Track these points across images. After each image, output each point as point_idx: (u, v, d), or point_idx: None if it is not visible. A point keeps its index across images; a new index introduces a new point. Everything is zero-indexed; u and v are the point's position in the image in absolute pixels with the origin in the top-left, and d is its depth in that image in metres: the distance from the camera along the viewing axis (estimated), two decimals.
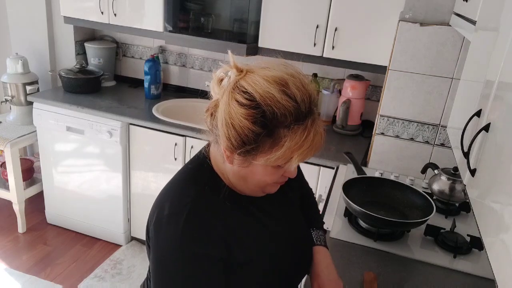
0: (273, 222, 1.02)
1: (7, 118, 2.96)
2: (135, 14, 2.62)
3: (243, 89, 0.82)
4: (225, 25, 2.67)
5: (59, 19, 2.94)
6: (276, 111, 0.80)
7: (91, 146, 2.69)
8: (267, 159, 0.84)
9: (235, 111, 0.81)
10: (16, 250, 2.79)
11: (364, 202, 1.59)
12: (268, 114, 0.80)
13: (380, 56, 2.18)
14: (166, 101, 2.82)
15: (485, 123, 0.89)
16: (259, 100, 0.80)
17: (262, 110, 0.80)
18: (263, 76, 0.82)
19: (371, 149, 2.14)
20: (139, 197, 2.74)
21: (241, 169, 0.89)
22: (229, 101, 0.82)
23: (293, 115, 0.81)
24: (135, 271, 2.66)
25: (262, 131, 0.81)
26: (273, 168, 0.87)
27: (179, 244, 0.86)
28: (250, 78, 0.82)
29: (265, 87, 0.80)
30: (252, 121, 0.80)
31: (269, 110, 0.80)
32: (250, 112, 0.80)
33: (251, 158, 0.85)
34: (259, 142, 0.82)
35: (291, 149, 0.82)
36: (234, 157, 0.87)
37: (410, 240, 1.57)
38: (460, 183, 1.72)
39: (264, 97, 0.80)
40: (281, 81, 0.81)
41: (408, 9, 1.90)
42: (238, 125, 0.81)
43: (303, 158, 0.84)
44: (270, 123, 0.81)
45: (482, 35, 1.20)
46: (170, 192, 0.95)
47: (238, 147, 0.84)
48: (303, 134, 0.82)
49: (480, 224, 0.82)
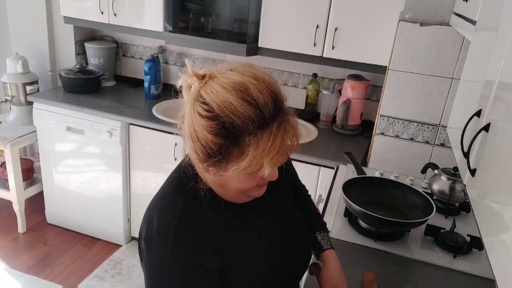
0: (268, 224, 1.00)
1: (7, 118, 2.96)
2: (135, 14, 2.62)
3: (202, 100, 0.79)
4: (225, 25, 2.67)
5: (59, 19, 2.94)
6: (235, 120, 0.76)
7: (91, 146, 2.69)
8: (237, 169, 0.80)
9: (197, 123, 0.79)
10: (16, 250, 2.79)
11: (364, 202, 1.59)
12: (228, 124, 0.76)
13: (380, 56, 2.18)
14: (166, 101, 2.82)
15: (485, 123, 0.88)
16: (217, 111, 0.76)
17: (221, 121, 0.77)
18: (222, 84, 0.78)
19: (371, 149, 2.14)
20: (139, 197, 2.74)
21: (217, 178, 0.86)
22: (191, 113, 0.80)
23: (255, 122, 0.77)
24: (135, 271, 2.66)
25: (224, 142, 0.78)
26: (247, 175, 0.83)
27: (170, 258, 0.83)
28: (209, 87, 0.79)
29: (223, 96, 0.76)
30: (214, 133, 0.77)
31: (229, 120, 0.76)
32: (210, 123, 0.77)
33: (222, 169, 0.82)
34: (224, 153, 0.79)
35: (258, 156, 0.78)
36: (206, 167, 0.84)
37: (410, 240, 1.57)
38: (460, 183, 1.72)
39: (222, 107, 0.76)
40: (241, 87, 0.77)
41: (408, 9, 1.90)
42: (201, 138, 0.79)
43: (276, 162, 0.80)
44: (231, 133, 0.77)
45: (482, 35, 1.20)
46: (157, 205, 0.91)
47: (205, 159, 0.81)
48: (269, 139, 0.77)
49: (480, 224, 0.82)
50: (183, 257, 0.84)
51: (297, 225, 1.10)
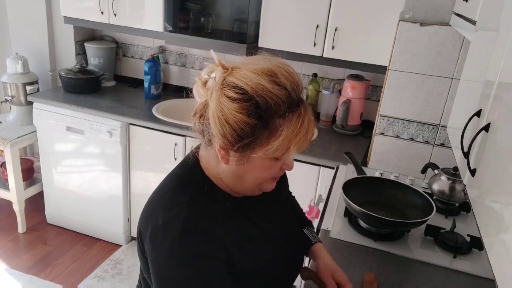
0: (270, 224, 1.01)
1: (7, 118, 2.96)
2: (135, 14, 2.62)
3: (232, 84, 0.81)
4: (225, 25, 2.67)
5: (59, 19, 2.94)
6: (269, 101, 0.80)
7: (91, 146, 2.69)
8: (266, 151, 0.83)
9: (227, 107, 0.80)
10: (16, 250, 2.79)
11: (364, 202, 1.59)
12: (262, 105, 0.80)
13: (380, 56, 2.18)
14: (166, 101, 2.82)
15: (485, 123, 0.89)
16: (251, 92, 0.79)
17: (255, 102, 0.80)
18: (250, 70, 0.81)
19: (371, 149, 2.14)
20: (139, 197, 2.74)
21: (238, 167, 0.87)
22: (219, 99, 0.81)
23: (286, 104, 0.81)
24: (135, 271, 2.66)
25: (257, 123, 0.80)
26: (271, 161, 0.86)
27: (178, 251, 0.83)
28: (238, 73, 0.82)
29: (255, 79, 0.80)
30: (247, 114, 0.80)
31: (262, 100, 0.80)
32: (243, 105, 0.79)
33: (250, 152, 0.84)
34: (255, 134, 0.81)
35: (288, 137, 0.81)
36: (230, 155, 0.85)
37: (410, 240, 1.57)
38: (460, 183, 1.72)
39: (256, 88, 0.79)
40: (270, 72, 0.81)
41: (408, 9, 1.90)
42: (232, 120, 0.80)
43: (300, 146, 0.84)
44: (264, 114, 0.80)
45: (482, 35, 1.20)
46: (161, 201, 0.92)
47: (235, 142, 0.82)
48: (298, 121, 0.82)
49: (480, 224, 0.82)
50: (191, 248, 0.84)
51: (294, 226, 1.13)
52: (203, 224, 0.87)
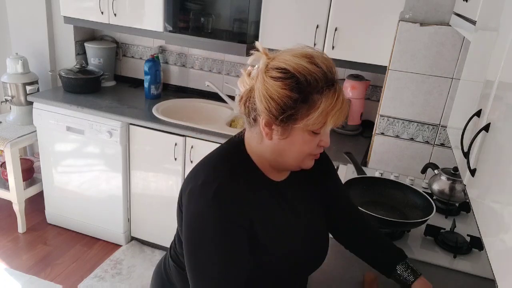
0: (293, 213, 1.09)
1: (7, 118, 2.96)
2: (135, 14, 2.62)
3: (275, 66, 0.93)
4: (225, 25, 2.67)
5: (59, 19, 2.94)
6: (308, 77, 0.91)
7: (91, 146, 2.69)
8: (306, 122, 0.92)
9: (271, 85, 0.92)
10: (16, 250, 2.79)
11: (364, 202, 1.59)
12: (302, 81, 0.91)
13: (380, 56, 2.17)
14: (166, 101, 2.82)
15: (485, 123, 0.89)
16: (292, 71, 0.91)
17: (296, 79, 0.91)
18: (291, 54, 0.94)
19: (371, 149, 2.14)
20: (139, 197, 2.74)
21: (280, 142, 0.96)
22: (264, 80, 0.93)
23: (323, 80, 0.92)
24: (135, 271, 2.66)
25: (298, 96, 0.91)
26: (310, 136, 0.95)
27: (208, 210, 0.94)
28: (280, 58, 0.94)
29: (295, 60, 0.92)
30: (289, 89, 0.91)
31: (302, 77, 0.91)
32: (286, 82, 0.91)
33: (292, 124, 0.93)
34: (297, 107, 0.91)
35: (325, 110, 0.91)
36: (273, 131, 0.95)
37: (410, 240, 1.57)
38: (460, 183, 1.72)
39: (296, 67, 0.91)
40: (308, 55, 0.94)
41: (408, 9, 1.90)
42: (276, 96, 0.91)
43: (336, 120, 0.93)
44: (304, 89, 0.91)
45: (482, 35, 1.20)
46: (205, 166, 1.04)
47: (279, 114, 0.92)
48: (334, 96, 0.92)
49: (480, 224, 0.82)
50: (220, 211, 0.94)
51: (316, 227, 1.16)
52: (234, 194, 0.97)
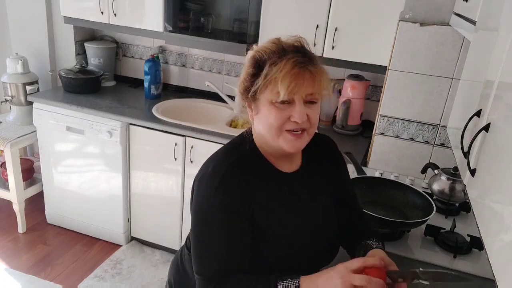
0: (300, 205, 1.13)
1: (7, 118, 2.96)
2: (135, 14, 2.62)
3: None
4: (225, 25, 2.67)
5: (59, 19, 2.94)
6: (263, 53, 1.02)
7: (91, 146, 2.69)
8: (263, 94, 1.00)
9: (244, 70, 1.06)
10: (16, 250, 2.79)
11: (364, 202, 1.59)
12: (258, 57, 1.02)
13: (380, 56, 2.17)
14: (166, 101, 2.82)
15: (485, 123, 0.89)
16: (254, 52, 1.04)
17: (254, 57, 1.03)
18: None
19: (371, 149, 2.14)
20: (139, 197, 2.74)
21: (256, 120, 1.06)
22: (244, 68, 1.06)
23: (276, 54, 1.00)
24: (135, 271, 2.66)
25: (255, 71, 1.02)
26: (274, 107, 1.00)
27: (215, 194, 1.02)
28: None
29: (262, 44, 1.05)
30: (250, 66, 1.03)
31: (259, 54, 1.02)
32: (248, 63, 1.04)
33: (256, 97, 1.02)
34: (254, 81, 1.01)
35: (273, 76, 0.97)
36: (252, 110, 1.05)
37: (410, 240, 1.57)
38: (460, 183, 1.72)
39: (258, 48, 1.04)
40: (276, 38, 1.05)
41: (408, 9, 1.90)
42: (243, 77, 1.05)
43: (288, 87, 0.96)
44: (260, 64, 1.01)
45: (482, 35, 1.20)
46: (216, 156, 1.11)
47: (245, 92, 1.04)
48: (281, 63, 0.98)
49: (480, 224, 0.82)
50: (224, 196, 1.02)
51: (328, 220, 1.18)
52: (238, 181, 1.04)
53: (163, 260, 2.77)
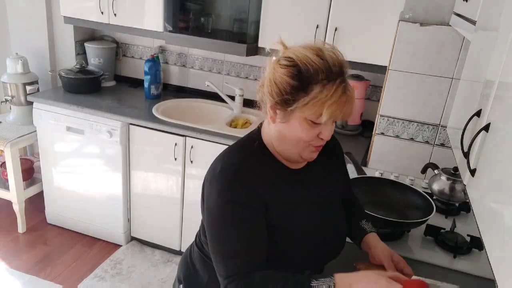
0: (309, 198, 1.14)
1: (7, 118, 2.96)
2: (135, 14, 2.62)
3: (286, 56, 1.00)
4: (225, 25, 2.67)
5: (59, 19, 2.94)
6: (310, 68, 0.96)
7: (91, 146, 2.69)
8: (302, 109, 0.98)
9: (277, 71, 1.00)
10: (16, 250, 2.79)
11: (364, 202, 1.59)
12: (304, 71, 0.97)
13: (380, 56, 2.18)
14: (166, 101, 2.82)
15: (485, 123, 0.89)
16: (297, 60, 0.97)
17: (298, 67, 0.97)
18: (302, 46, 1.01)
19: (371, 149, 2.14)
20: (139, 197, 2.74)
21: (281, 126, 1.03)
22: (274, 66, 1.01)
23: (324, 73, 0.96)
24: (135, 271, 2.66)
25: (298, 84, 0.97)
26: (308, 125, 1.00)
27: (225, 193, 1.03)
28: (292, 49, 1.02)
29: (303, 51, 0.99)
30: (290, 76, 0.97)
31: (305, 67, 0.96)
32: (289, 69, 0.98)
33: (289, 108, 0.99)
34: (294, 93, 0.98)
35: (321, 101, 0.95)
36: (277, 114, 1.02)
37: (410, 240, 1.57)
38: (460, 183, 1.72)
39: (301, 57, 0.97)
40: (317, 48, 0.99)
41: (408, 9, 1.90)
42: (278, 81, 0.99)
43: (333, 113, 0.97)
44: (305, 78, 0.96)
45: (482, 35, 1.20)
46: (224, 155, 1.11)
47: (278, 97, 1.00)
48: (332, 89, 0.95)
49: (480, 224, 0.82)
50: (237, 194, 1.03)
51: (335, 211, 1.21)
52: (249, 178, 1.05)
53: (163, 260, 2.77)
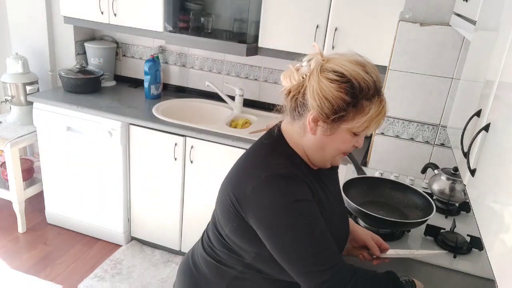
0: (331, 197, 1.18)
1: (7, 118, 2.96)
2: (135, 14, 2.62)
3: (331, 69, 1.00)
4: (225, 25, 2.67)
5: (59, 19, 2.94)
6: (362, 84, 0.98)
7: (91, 146, 2.69)
8: (352, 124, 1.00)
9: (327, 86, 0.99)
10: (16, 250, 2.79)
11: (364, 202, 1.59)
12: (356, 87, 0.98)
13: (380, 56, 2.17)
14: (166, 101, 2.82)
15: (485, 123, 0.89)
16: (349, 76, 0.98)
17: (351, 84, 0.98)
18: (346, 60, 1.01)
19: (371, 149, 2.14)
20: (139, 197, 2.74)
21: (322, 138, 1.04)
22: (319, 80, 1.00)
23: (373, 89, 0.99)
24: (135, 271, 2.66)
25: (351, 100, 0.98)
26: (350, 136, 1.04)
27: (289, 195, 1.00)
28: (336, 61, 1.01)
29: (352, 66, 0.99)
30: (345, 93, 0.98)
31: (357, 83, 0.98)
32: (342, 85, 0.98)
33: (339, 124, 1.01)
34: (347, 109, 0.99)
35: (371, 116, 0.99)
36: (318, 127, 1.03)
37: (410, 240, 1.57)
38: (460, 183, 1.72)
39: (352, 73, 0.98)
40: (361, 63, 1.01)
41: (408, 9, 1.90)
42: (331, 97, 0.98)
43: (377, 126, 1.03)
44: (357, 94, 0.98)
45: (482, 35, 1.20)
46: (256, 165, 1.08)
47: (331, 114, 1.00)
48: (380, 105, 1.00)
49: (480, 224, 0.82)
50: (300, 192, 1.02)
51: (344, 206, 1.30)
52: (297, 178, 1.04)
53: (163, 260, 2.77)
